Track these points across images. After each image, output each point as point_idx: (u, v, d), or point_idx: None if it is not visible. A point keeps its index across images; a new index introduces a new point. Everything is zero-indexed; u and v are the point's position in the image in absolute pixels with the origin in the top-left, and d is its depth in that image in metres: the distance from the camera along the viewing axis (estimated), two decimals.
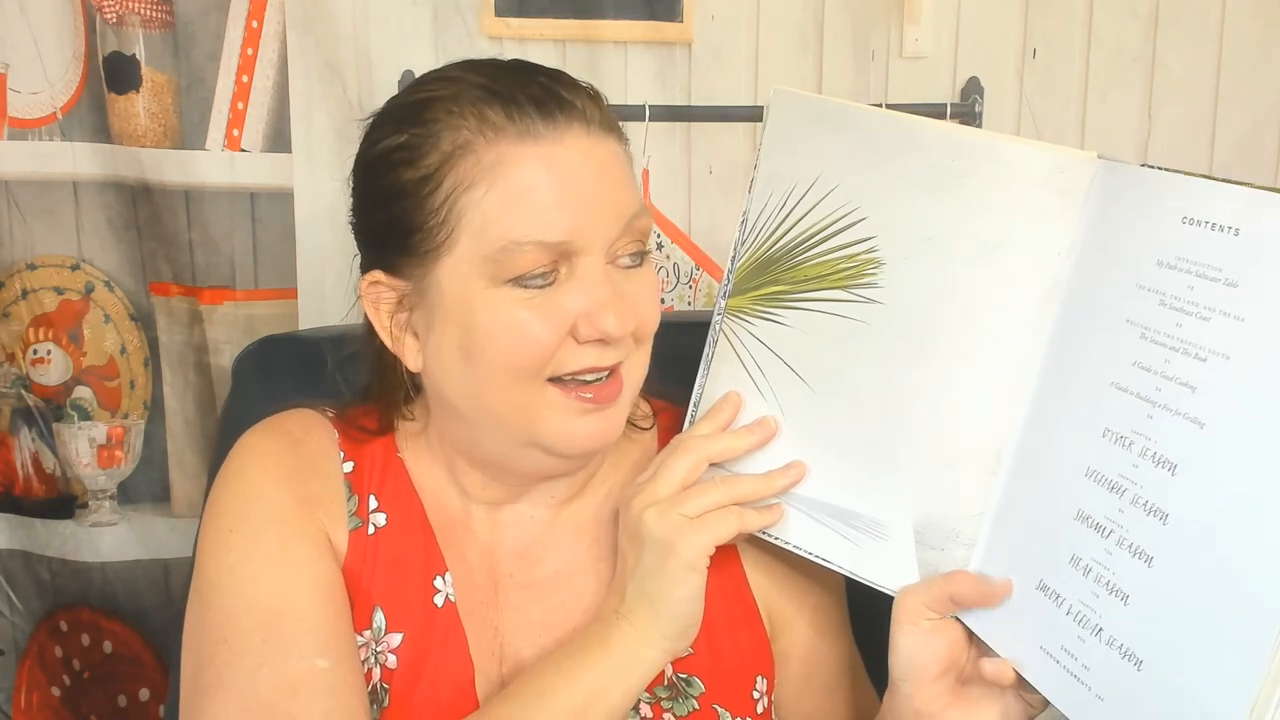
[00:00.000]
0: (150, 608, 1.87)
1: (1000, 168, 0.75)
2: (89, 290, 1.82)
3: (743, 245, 0.86)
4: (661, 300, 0.96)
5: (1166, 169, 0.68)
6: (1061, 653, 0.70)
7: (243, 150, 1.77)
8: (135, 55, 1.72)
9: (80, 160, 1.78)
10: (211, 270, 1.79)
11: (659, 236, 1.65)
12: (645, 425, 0.94)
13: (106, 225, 1.80)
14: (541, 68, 0.83)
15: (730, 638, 0.88)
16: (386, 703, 0.83)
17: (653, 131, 1.66)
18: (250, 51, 1.74)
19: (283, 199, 1.78)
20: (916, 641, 0.78)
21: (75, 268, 1.81)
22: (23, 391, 1.83)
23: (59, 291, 1.81)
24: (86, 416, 1.83)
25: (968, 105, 1.79)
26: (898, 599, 0.79)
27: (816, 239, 0.82)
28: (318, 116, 1.75)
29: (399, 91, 0.88)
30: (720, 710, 0.86)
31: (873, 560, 0.81)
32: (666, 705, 0.85)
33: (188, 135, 1.75)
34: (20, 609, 1.88)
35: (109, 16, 1.71)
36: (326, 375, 1.03)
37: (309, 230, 1.77)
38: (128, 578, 1.86)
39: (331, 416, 0.90)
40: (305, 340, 1.21)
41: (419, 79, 0.85)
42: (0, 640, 1.89)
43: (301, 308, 1.79)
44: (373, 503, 0.87)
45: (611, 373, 0.82)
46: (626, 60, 1.78)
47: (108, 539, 1.84)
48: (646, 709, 0.85)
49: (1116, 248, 0.70)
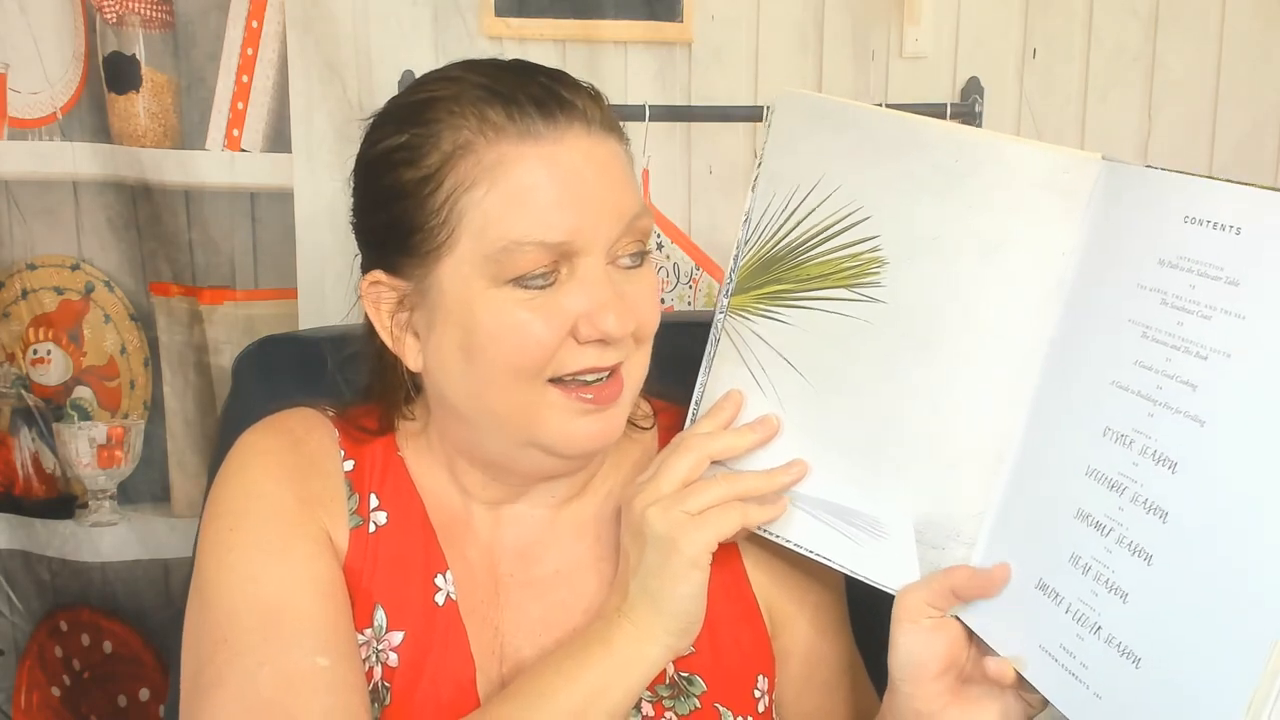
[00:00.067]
0: (150, 608, 1.87)
1: (1003, 168, 0.75)
2: (89, 290, 1.82)
3: (745, 244, 0.86)
4: (661, 300, 0.97)
5: (1169, 169, 0.69)
6: (1060, 651, 0.70)
7: (243, 150, 1.77)
8: (135, 55, 1.72)
9: (80, 160, 1.77)
10: (211, 270, 1.79)
11: (659, 236, 1.65)
12: (646, 425, 0.94)
13: (106, 225, 1.80)
14: (542, 68, 0.83)
15: (732, 636, 0.88)
16: (388, 701, 0.83)
17: (653, 131, 1.66)
18: (250, 51, 1.74)
19: (283, 199, 1.77)
20: (917, 640, 0.78)
21: (75, 268, 1.81)
22: (23, 391, 1.83)
23: (59, 291, 1.81)
24: (86, 416, 1.83)
25: (968, 105, 1.79)
26: (898, 597, 0.79)
27: (819, 238, 0.82)
28: (318, 116, 1.75)
29: (400, 91, 0.88)
30: (722, 709, 0.86)
31: (873, 559, 0.81)
32: (668, 704, 0.85)
33: (188, 135, 1.75)
34: (20, 609, 1.88)
35: (109, 16, 1.71)
36: (327, 375, 1.03)
37: (309, 230, 1.77)
38: (128, 578, 1.85)
39: (332, 416, 0.90)
40: (305, 340, 1.21)
41: (420, 79, 0.85)
42: (0, 640, 1.89)
43: (301, 308, 1.78)
44: (373, 501, 0.87)
45: (612, 373, 0.82)
46: (626, 60, 1.78)
47: (108, 539, 1.84)
48: (648, 707, 0.85)
49: (1118, 247, 0.70)
